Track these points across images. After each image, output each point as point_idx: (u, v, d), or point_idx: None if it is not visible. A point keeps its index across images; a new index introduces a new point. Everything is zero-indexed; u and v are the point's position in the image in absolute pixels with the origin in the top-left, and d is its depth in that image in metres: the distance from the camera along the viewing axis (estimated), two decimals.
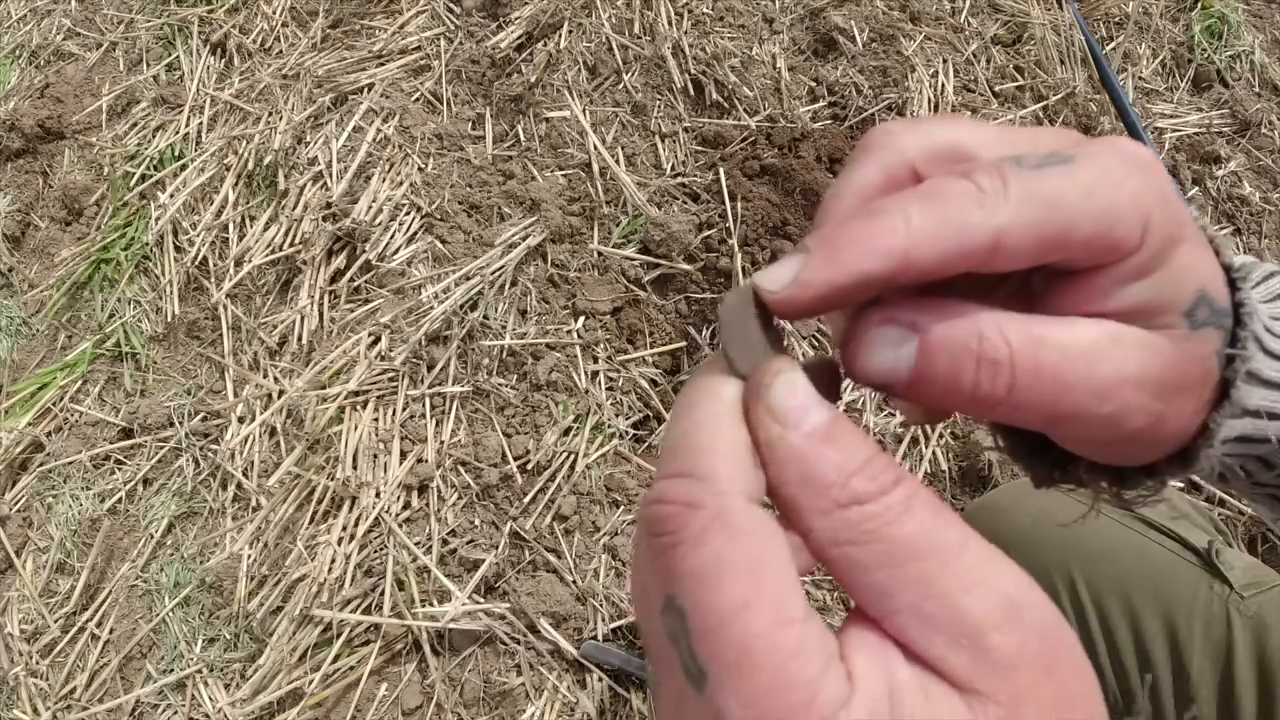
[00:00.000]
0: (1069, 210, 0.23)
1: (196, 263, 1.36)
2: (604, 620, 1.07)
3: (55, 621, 1.14)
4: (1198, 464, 0.29)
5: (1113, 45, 1.60)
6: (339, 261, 1.30)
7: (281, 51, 1.53)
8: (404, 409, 1.20)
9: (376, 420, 1.19)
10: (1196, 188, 1.47)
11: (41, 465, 1.26)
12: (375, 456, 1.17)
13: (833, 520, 0.21)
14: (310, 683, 1.05)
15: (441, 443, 1.18)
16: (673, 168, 1.36)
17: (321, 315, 1.28)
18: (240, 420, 1.23)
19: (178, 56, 1.56)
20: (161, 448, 1.25)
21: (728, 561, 0.20)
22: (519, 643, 1.07)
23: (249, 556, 1.13)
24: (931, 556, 0.20)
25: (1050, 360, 0.24)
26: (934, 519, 0.21)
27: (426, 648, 1.07)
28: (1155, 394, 0.26)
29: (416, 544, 1.11)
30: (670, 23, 1.45)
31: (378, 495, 1.13)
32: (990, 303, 0.29)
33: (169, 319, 1.34)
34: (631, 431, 1.22)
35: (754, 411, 0.23)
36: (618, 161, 1.35)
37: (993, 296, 0.29)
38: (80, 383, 1.32)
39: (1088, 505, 0.81)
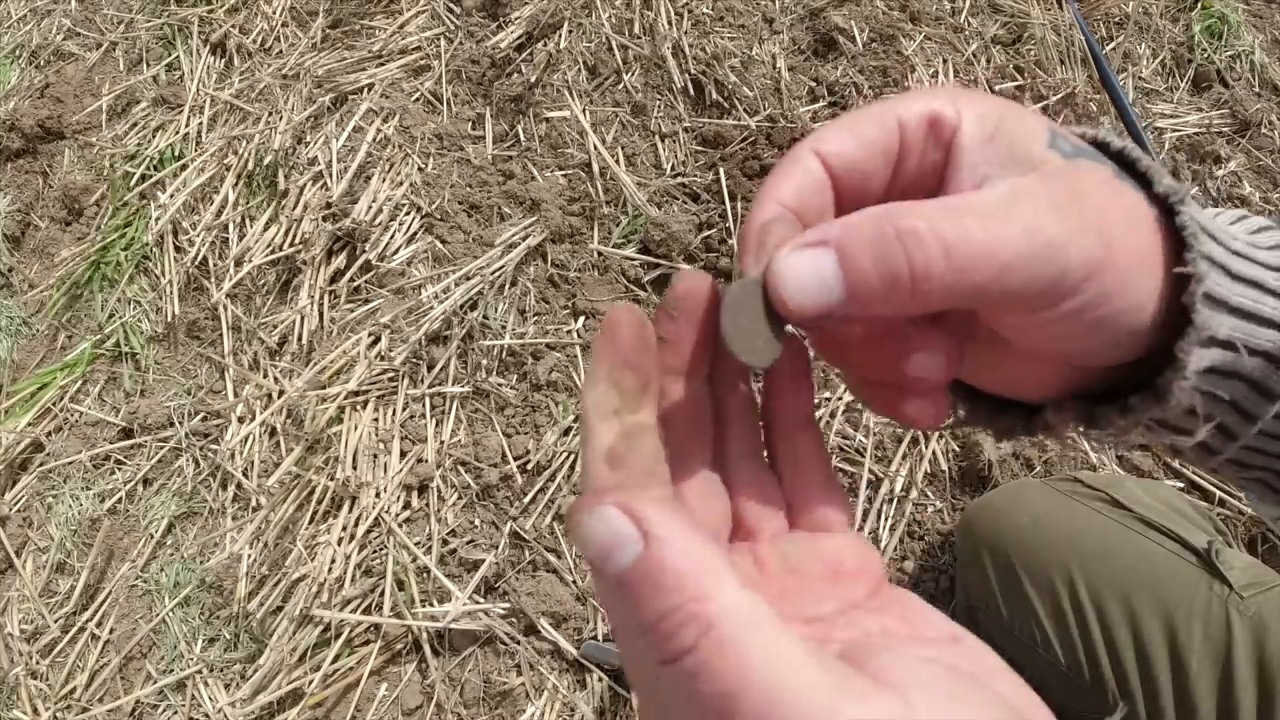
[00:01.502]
0: (889, 114, 0.27)
1: (196, 263, 1.36)
2: (604, 620, 1.07)
3: (55, 621, 1.14)
4: (1171, 398, 0.28)
5: (1113, 45, 1.60)
6: (339, 261, 1.30)
7: (281, 51, 1.53)
8: (404, 409, 1.20)
9: (376, 420, 1.20)
10: (1197, 188, 1.47)
11: (41, 465, 1.26)
12: (375, 456, 1.17)
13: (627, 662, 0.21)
14: (310, 683, 1.05)
15: (441, 443, 1.18)
16: (673, 168, 1.36)
17: (321, 315, 1.28)
18: (240, 420, 1.24)
19: (178, 56, 1.56)
20: (161, 448, 1.25)
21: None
22: (519, 643, 1.07)
23: (249, 556, 1.13)
24: None
25: (969, 221, 0.24)
26: (724, 702, 0.19)
27: (426, 648, 1.07)
28: (1083, 222, 0.25)
29: (416, 544, 1.11)
30: (670, 23, 1.45)
31: (378, 495, 1.13)
32: None
33: (169, 319, 1.34)
34: None
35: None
36: (618, 161, 1.35)
37: None
38: (80, 383, 1.32)
39: (1087, 505, 0.81)
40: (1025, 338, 0.28)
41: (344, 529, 1.12)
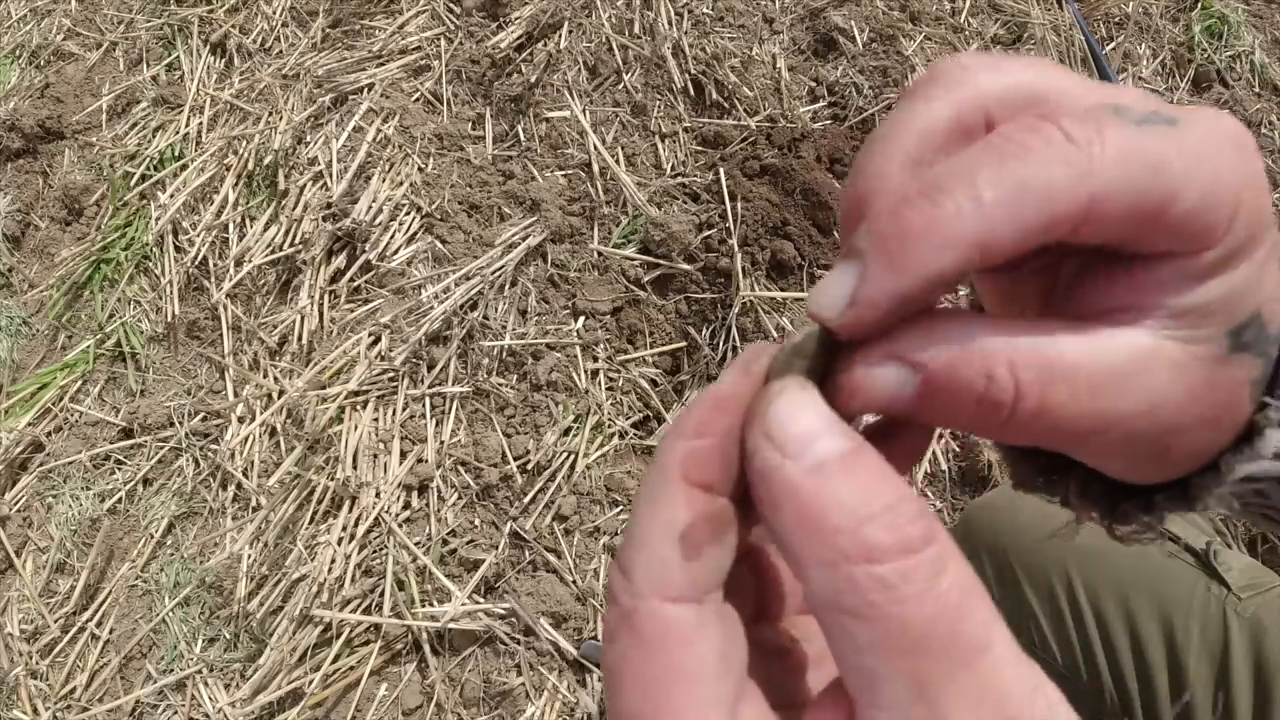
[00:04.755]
0: (1173, 178, 0.19)
1: (196, 263, 1.36)
2: (604, 620, 1.07)
3: (55, 621, 1.15)
4: (1201, 503, 0.26)
5: (1113, 45, 1.60)
6: (339, 261, 1.31)
7: (281, 51, 1.53)
8: (404, 409, 1.20)
9: (376, 420, 1.20)
10: None
11: (41, 465, 1.26)
12: (375, 456, 1.17)
13: (835, 578, 0.17)
14: (310, 683, 1.05)
15: (441, 443, 1.18)
16: (673, 168, 1.36)
17: (321, 315, 1.28)
18: (240, 420, 1.24)
19: (178, 56, 1.56)
20: (161, 448, 1.25)
21: (629, 667, 0.19)
22: (519, 643, 1.07)
23: (249, 556, 1.13)
24: (943, 656, 0.16)
25: (1058, 400, 0.21)
26: (959, 602, 0.17)
27: (426, 648, 1.07)
28: (1168, 428, 0.22)
29: (416, 544, 1.11)
30: (670, 23, 1.45)
31: (378, 495, 1.13)
32: (1019, 282, 0.26)
33: (169, 319, 1.34)
34: (631, 431, 1.22)
35: (750, 437, 0.19)
36: (618, 161, 1.35)
37: (1022, 270, 0.26)
38: (80, 383, 1.33)
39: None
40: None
41: (344, 529, 1.12)
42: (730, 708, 0.19)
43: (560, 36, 1.44)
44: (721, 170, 1.31)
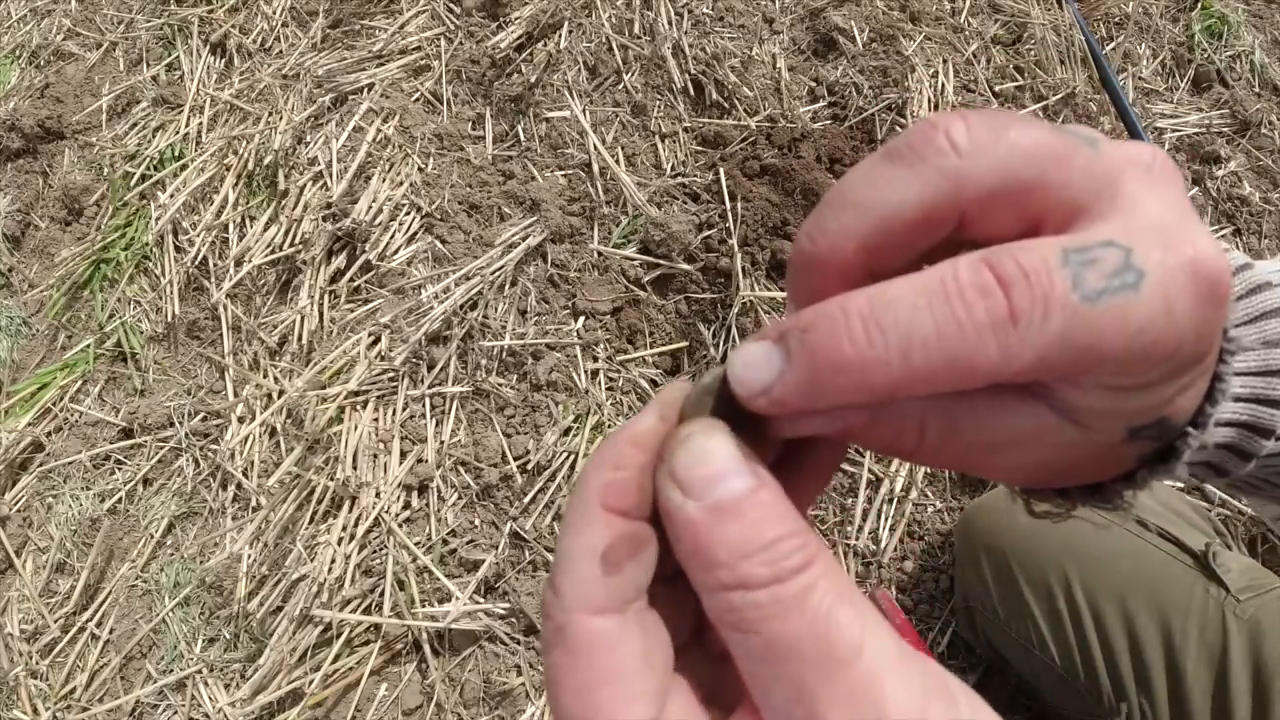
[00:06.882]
0: (1104, 353, 0.20)
1: (196, 263, 1.36)
2: None
3: (55, 621, 1.15)
4: (1114, 505, 0.28)
5: (1113, 45, 1.60)
6: (339, 261, 1.31)
7: (281, 51, 1.53)
8: (404, 409, 1.20)
9: (376, 420, 1.20)
10: (1196, 188, 1.47)
11: (41, 465, 1.26)
12: (375, 456, 1.17)
13: (717, 601, 0.20)
14: (310, 683, 1.05)
15: (441, 443, 1.18)
16: (673, 168, 1.36)
17: (321, 315, 1.28)
18: (240, 420, 1.24)
19: (178, 56, 1.56)
20: (161, 448, 1.25)
21: (563, 675, 0.21)
22: (519, 643, 1.07)
23: (249, 556, 1.13)
24: (812, 661, 0.19)
25: (954, 452, 0.24)
26: (829, 616, 0.19)
27: (426, 648, 1.08)
28: (1051, 475, 0.26)
29: (416, 544, 1.11)
30: (670, 23, 1.45)
31: (378, 495, 1.14)
32: None
33: (169, 319, 1.34)
34: None
35: (658, 478, 0.22)
36: (618, 161, 1.35)
37: None
38: (80, 383, 1.33)
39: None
40: None
41: (344, 529, 1.12)
42: (656, 699, 0.21)
43: (560, 36, 1.44)
44: (721, 170, 1.31)
